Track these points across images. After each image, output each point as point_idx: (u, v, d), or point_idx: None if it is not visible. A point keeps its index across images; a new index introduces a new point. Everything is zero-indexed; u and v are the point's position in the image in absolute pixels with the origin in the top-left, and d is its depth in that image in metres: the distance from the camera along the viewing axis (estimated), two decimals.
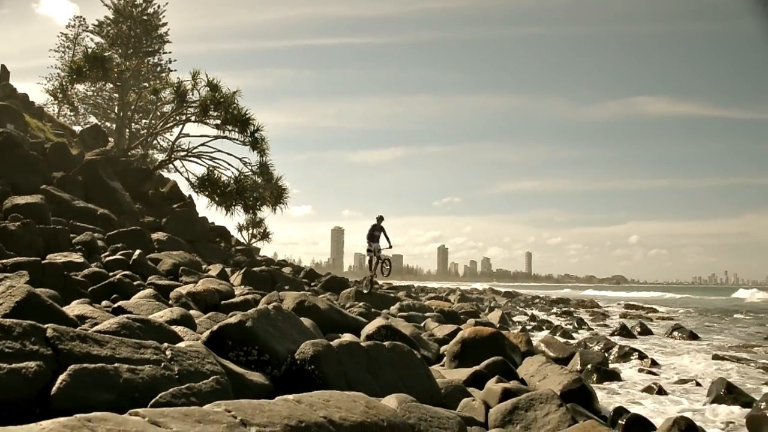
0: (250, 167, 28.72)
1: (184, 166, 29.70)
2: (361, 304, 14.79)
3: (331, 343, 5.64)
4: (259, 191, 28.29)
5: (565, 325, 20.85)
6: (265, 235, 35.71)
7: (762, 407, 6.32)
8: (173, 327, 6.11)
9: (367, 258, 19.38)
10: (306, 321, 7.88)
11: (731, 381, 8.89)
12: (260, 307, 6.56)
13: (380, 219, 18.85)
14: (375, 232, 18.85)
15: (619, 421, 6.45)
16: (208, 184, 27.46)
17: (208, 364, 4.21)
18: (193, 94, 28.37)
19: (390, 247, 19.13)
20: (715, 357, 12.77)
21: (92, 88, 40.91)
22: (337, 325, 10.08)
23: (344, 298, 16.76)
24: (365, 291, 18.44)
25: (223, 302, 10.57)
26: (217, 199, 27.34)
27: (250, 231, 35.06)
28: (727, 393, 8.19)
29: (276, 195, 28.86)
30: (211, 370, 4.13)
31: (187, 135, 30.26)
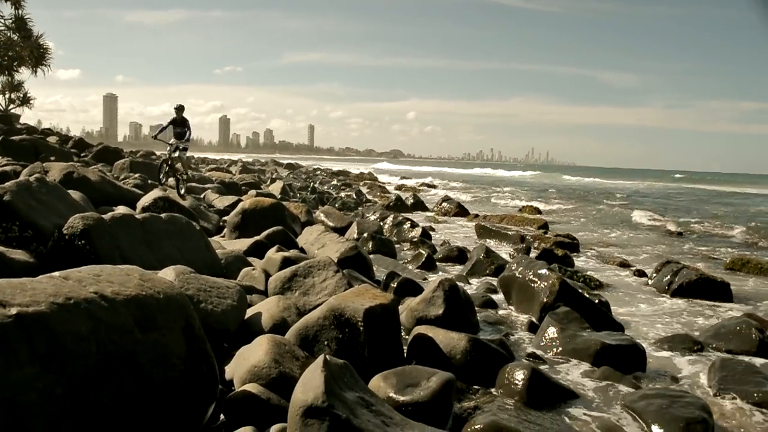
0: (3, 21, 25.33)
1: None
2: (136, 175, 14.10)
3: (103, 216, 5.35)
4: (16, 50, 25.14)
5: (345, 196, 21.55)
6: (25, 101, 32.27)
7: (512, 269, 7.06)
8: None
9: (166, 159, 13.66)
10: (75, 194, 7.39)
11: (490, 247, 9.82)
12: (21, 179, 6.02)
13: (181, 109, 13.69)
14: (177, 129, 13.72)
15: (391, 284, 6.90)
16: None
17: None
18: None
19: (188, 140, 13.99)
20: (478, 227, 13.94)
21: None
22: (110, 197, 9.57)
23: (118, 170, 15.86)
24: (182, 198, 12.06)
25: None
26: None
27: (7, 95, 31.51)
28: (486, 257, 9.06)
29: (36, 55, 25.82)
30: None
31: None
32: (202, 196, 13.61)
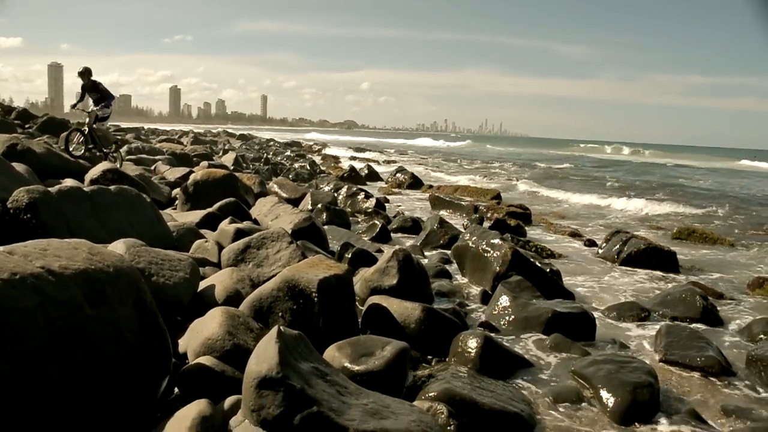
0: None
1: None
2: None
3: (49, 189, 5.21)
4: None
5: (298, 167, 21.39)
6: None
7: (466, 239, 7.13)
8: None
9: (77, 128, 12.63)
10: (19, 167, 7.20)
11: (444, 218, 9.90)
12: None
13: (86, 73, 12.39)
14: (92, 95, 12.54)
15: (345, 255, 6.90)
16: None
17: None
18: None
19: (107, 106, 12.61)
20: (432, 197, 14.00)
21: None
22: (56, 170, 9.31)
23: (64, 141, 15.44)
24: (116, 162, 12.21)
25: None
26: None
27: None
28: (440, 227, 9.12)
29: None
30: None
31: None
32: (152, 167, 13.36)
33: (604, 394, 3.94)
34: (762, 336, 5.36)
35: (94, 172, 8.71)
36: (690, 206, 15.50)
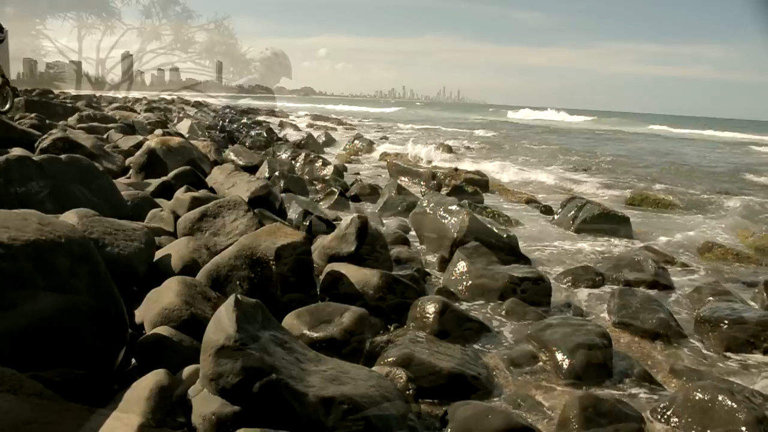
0: None
1: None
2: (33, 115, 13.35)
3: None
4: None
5: (255, 135, 21.10)
6: None
7: (423, 206, 7.15)
8: None
9: None
10: None
11: (402, 185, 9.91)
12: None
13: None
14: None
15: (304, 222, 6.87)
16: None
17: None
18: None
19: None
20: (391, 165, 13.98)
21: None
22: (3, 140, 9.04)
23: (13, 109, 14.99)
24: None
25: None
26: None
27: None
28: (398, 194, 9.14)
29: None
30: None
31: None
32: (105, 136, 13.04)
33: (559, 356, 4.03)
34: (710, 298, 5.51)
35: (44, 141, 8.50)
36: (643, 174, 15.79)
